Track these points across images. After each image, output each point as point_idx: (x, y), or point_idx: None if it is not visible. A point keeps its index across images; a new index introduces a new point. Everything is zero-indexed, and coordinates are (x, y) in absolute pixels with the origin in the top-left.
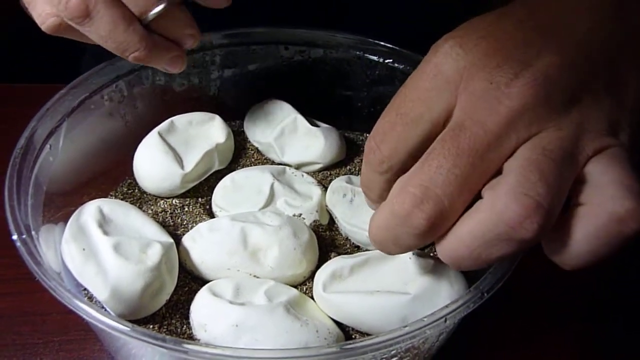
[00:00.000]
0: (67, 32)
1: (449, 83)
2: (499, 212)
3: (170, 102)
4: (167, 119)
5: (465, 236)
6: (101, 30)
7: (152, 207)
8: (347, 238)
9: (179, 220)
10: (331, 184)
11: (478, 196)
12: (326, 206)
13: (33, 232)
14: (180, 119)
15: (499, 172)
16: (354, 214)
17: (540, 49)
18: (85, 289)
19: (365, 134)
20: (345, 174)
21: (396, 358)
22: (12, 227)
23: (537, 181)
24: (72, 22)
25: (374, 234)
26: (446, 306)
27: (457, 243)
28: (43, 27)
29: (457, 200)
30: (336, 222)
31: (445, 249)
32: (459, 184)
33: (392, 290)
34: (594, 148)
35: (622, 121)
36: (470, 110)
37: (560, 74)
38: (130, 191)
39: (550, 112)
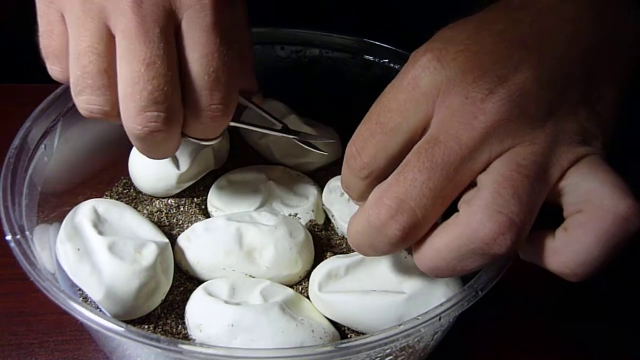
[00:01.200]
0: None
1: (426, 96)
2: (474, 229)
3: None
4: None
5: (442, 249)
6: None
7: (148, 207)
8: (343, 237)
9: (174, 220)
10: (328, 182)
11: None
12: (323, 205)
13: (27, 233)
14: None
15: (473, 183)
16: (352, 212)
17: (518, 63)
18: (80, 289)
19: None
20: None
21: (391, 357)
22: (6, 227)
23: (510, 198)
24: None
25: (352, 237)
26: (440, 305)
27: (434, 255)
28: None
29: (430, 212)
30: (332, 221)
31: (423, 259)
32: (433, 197)
33: (388, 290)
34: (569, 159)
35: (596, 130)
36: (446, 124)
37: (536, 88)
38: (125, 191)
39: (525, 127)
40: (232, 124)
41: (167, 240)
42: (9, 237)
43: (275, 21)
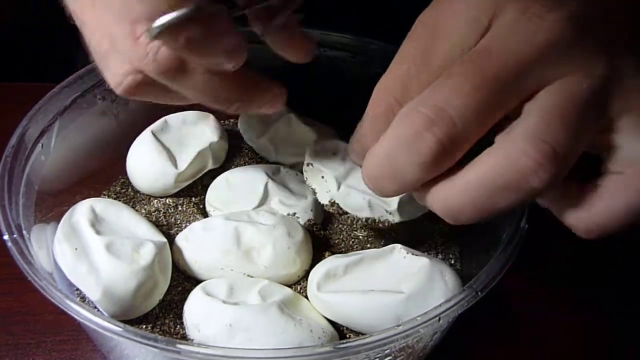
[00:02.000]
0: (146, 92)
1: (483, 11)
2: (513, 158)
3: None
4: (160, 117)
5: (472, 182)
6: (198, 83)
7: (146, 206)
8: (341, 237)
9: (172, 219)
10: (312, 146)
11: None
12: (308, 166)
13: (24, 232)
14: (173, 118)
15: (516, 115)
16: (350, 173)
17: None
18: (77, 289)
19: None
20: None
21: (390, 357)
22: (3, 226)
23: (558, 128)
24: (162, 77)
25: (370, 166)
26: (440, 305)
27: (461, 190)
28: (119, 90)
29: (471, 129)
30: (317, 188)
31: (446, 196)
32: (477, 111)
33: (386, 290)
34: (624, 106)
35: None
36: (501, 38)
37: (597, 18)
38: (123, 190)
39: (582, 55)
40: None
41: (165, 239)
42: (6, 237)
43: None
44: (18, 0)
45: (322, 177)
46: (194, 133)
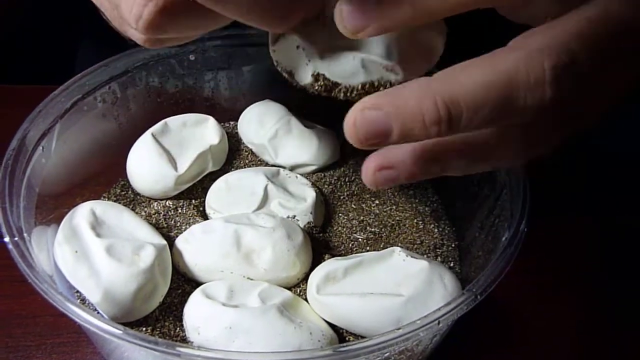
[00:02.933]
0: (171, 21)
1: None
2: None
3: (164, 103)
4: (160, 120)
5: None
6: None
7: (146, 208)
8: (341, 240)
9: (172, 222)
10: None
11: None
12: (281, 37)
13: (25, 235)
14: (174, 121)
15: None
16: (331, 32)
17: None
18: (77, 292)
19: None
20: (339, 176)
21: None
22: (4, 229)
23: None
24: None
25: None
26: (439, 309)
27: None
28: (140, 25)
29: None
30: (302, 54)
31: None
32: None
33: (386, 293)
34: None
35: None
36: None
37: None
38: (123, 193)
39: None
40: None
41: (165, 242)
42: (6, 239)
43: None
44: (19, 2)
45: (297, 46)
46: (194, 135)
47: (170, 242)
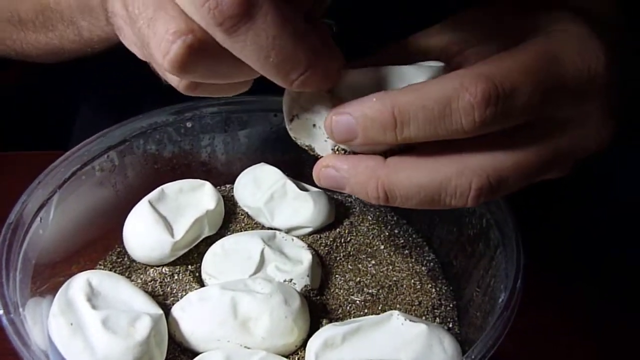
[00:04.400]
0: (197, 62)
1: None
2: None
3: (160, 169)
4: (157, 185)
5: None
6: (264, 36)
7: (142, 275)
8: (339, 303)
9: (168, 289)
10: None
11: None
12: (295, 117)
13: (20, 309)
14: (170, 187)
15: None
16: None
17: None
18: None
19: (354, 197)
20: (335, 237)
21: None
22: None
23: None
24: (223, 29)
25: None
26: None
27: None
28: (167, 61)
29: None
30: (320, 132)
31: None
32: None
33: (385, 358)
34: None
35: None
36: None
37: None
38: (119, 259)
39: None
40: None
41: (161, 311)
42: (2, 315)
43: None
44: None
45: (314, 125)
46: (191, 201)
47: (166, 310)
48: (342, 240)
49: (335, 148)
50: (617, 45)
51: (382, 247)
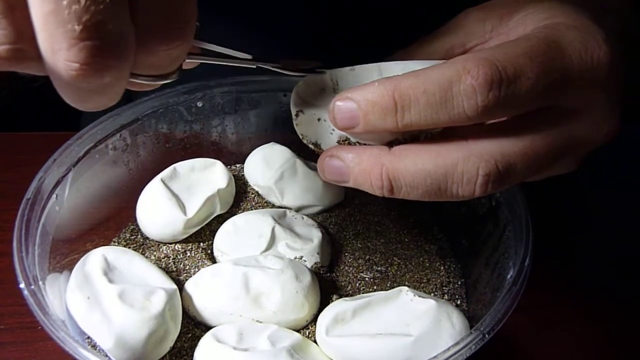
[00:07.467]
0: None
1: None
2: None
3: (172, 148)
4: (169, 165)
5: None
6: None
7: (155, 252)
8: (348, 280)
9: (181, 265)
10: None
11: None
12: (300, 112)
13: (40, 282)
14: (182, 165)
15: None
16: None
17: None
18: (88, 337)
19: None
20: (344, 216)
21: None
22: (20, 277)
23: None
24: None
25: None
26: (448, 349)
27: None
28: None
29: None
30: (325, 125)
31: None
32: None
33: (395, 333)
34: None
35: None
36: None
37: None
38: (133, 237)
39: None
40: (194, 59)
41: (175, 286)
42: (22, 286)
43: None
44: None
45: (319, 119)
46: (202, 179)
47: (180, 285)
48: (352, 219)
49: (341, 140)
50: (623, 36)
51: (391, 225)
